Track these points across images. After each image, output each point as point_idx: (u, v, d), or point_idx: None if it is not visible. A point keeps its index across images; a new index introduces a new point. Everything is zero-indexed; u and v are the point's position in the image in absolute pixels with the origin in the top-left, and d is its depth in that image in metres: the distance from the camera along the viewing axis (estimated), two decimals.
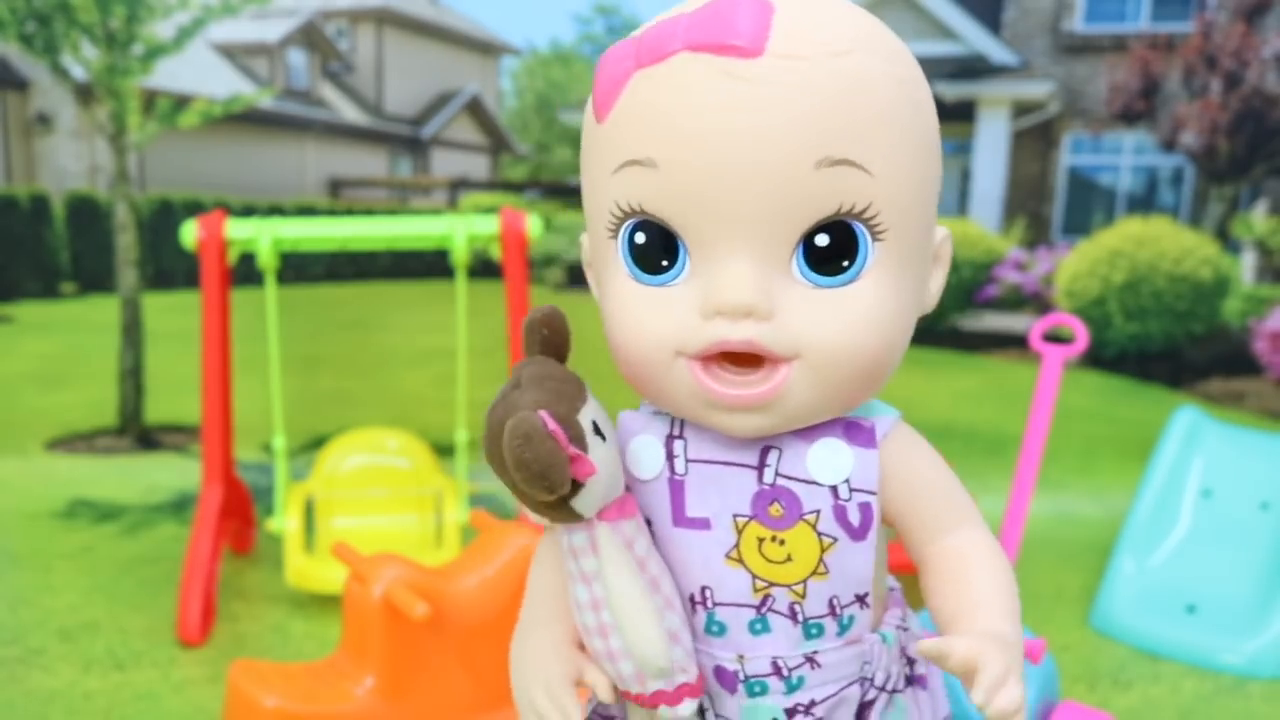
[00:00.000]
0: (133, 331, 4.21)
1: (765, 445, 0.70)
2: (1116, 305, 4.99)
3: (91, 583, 2.69)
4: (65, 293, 5.70)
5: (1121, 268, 4.98)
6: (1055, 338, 2.22)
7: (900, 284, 0.67)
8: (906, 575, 0.81)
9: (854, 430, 0.72)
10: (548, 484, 0.62)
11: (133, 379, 4.22)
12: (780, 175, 0.61)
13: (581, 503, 0.65)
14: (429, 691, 1.76)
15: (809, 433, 0.70)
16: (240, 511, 2.79)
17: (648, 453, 0.73)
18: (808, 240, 0.64)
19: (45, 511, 3.32)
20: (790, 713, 0.72)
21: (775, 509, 0.70)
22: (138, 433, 4.19)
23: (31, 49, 4.08)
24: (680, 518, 0.72)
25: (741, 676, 0.72)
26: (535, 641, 0.74)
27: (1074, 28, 6.10)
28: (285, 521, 2.59)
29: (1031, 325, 2.29)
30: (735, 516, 0.71)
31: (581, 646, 0.72)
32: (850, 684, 0.73)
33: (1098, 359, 5.01)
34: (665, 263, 0.65)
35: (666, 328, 0.65)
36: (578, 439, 0.64)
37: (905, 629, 0.78)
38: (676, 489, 0.72)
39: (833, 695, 0.72)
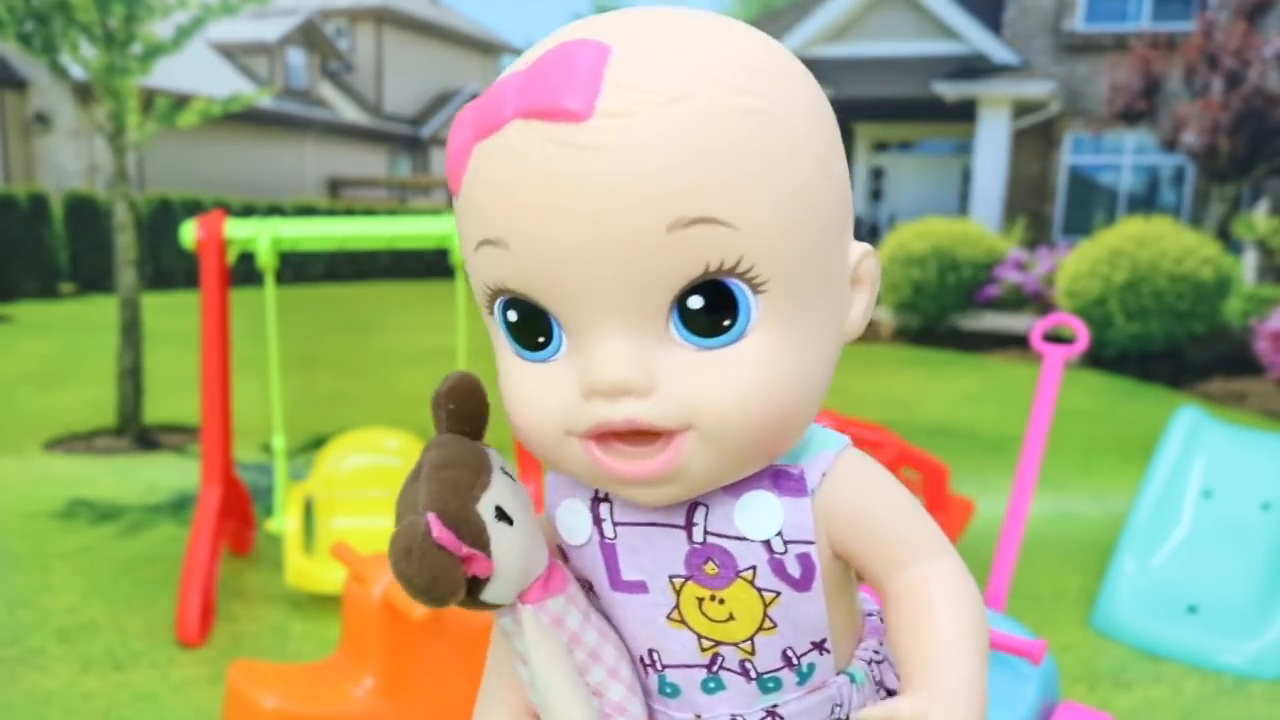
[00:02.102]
0: (132, 331, 4.21)
1: (692, 503, 0.67)
2: (1117, 305, 4.98)
3: (90, 583, 2.68)
4: (64, 293, 5.70)
5: (1122, 267, 4.98)
6: (1056, 338, 2.22)
7: (795, 333, 0.62)
8: None
9: (783, 479, 0.67)
10: (433, 598, 0.60)
11: (132, 379, 4.22)
12: (632, 245, 0.56)
13: (492, 594, 0.63)
14: (428, 691, 1.75)
15: (735, 487, 0.66)
16: (239, 512, 2.79)
17: (575, 518, 0.70)
18: (681, 302, 0.59)
19: (44, 512, 3.32)
20: None
21: (710, 567, 0.67)
22: (137, 433, 4.18)
23: (30, 48, 4.08)
24: (617, 582, 0.69)
25: None
26: (492, 714, 0.73)
27: (1075, 27, 6.10)
28: (284, 522, 2.59)
29: (1032, 325, 2.29)
30: (671, 577, 0.67)
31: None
32: None
33: (1098, 359, 5.01)
34: (541, 339, 0.62)
35: (551, 407, 0.62)
36: (474, 535, 0.62)
37: (880, 660, 0.75)
38: (609, 553, 0.69)
39: None
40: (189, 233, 2.53)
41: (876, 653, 0.75)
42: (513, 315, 0.62)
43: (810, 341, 0.63)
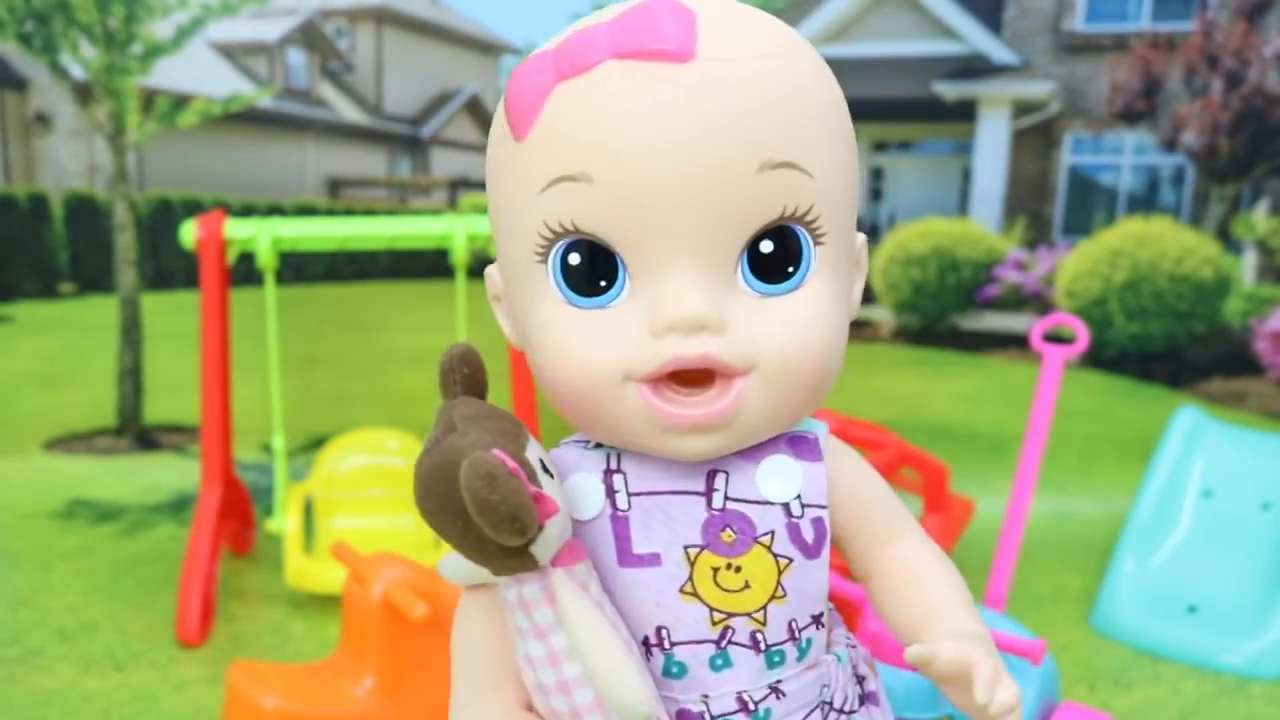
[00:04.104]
0: (132, 331, 4.21)
1: (711, 469, 0.68)
2: (1117, 305, 4.98)
3: (90, 583, 2.68)
4: (64, 292, 5.69)
5: (1122, 267, 4.98)
6: (1056, 338, 2.22)
7: (839, 289, 0.66)
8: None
9: (799, 444, 0.70)
10: (519, 525, 0.57)
11: (132, 379, 4.22)
12: (723, 180, 0.59)
13: (540, 548, 0.60)
14: (428, 692, 1.75)
15: (754, 452, 0.68)
16: (239, 512, 2.79)
17: (586, 491, 0.69)
18: (752, 248, 0.62)
19: (44, 512, 3.32)
20: None
21: (728, 535, 0.67)
22: (137, 433, 4.18)
23: (30, 48, 4.08)
24: (627, 556, 0.68)
25: (707, 718, 0.69)
26: (480, 711, 0.67)
27: (1075, 27, 6.09)
28: (284, 522, 2.59)
29: (1032, 325, 2.28)
30: (686, 548, 0.67)
31: (530, 709, 0.67)
32: (812, 710, 0.71)
33: (1099, 359, 5.01)
34: (604, 283, 0.62)
35: (612, 351, 0.62)
36: (533, 478, 0.60)
37: (854, 646, 0.76)
38: (620, 526, 0.68)
39: None
40: (189, 233, 2.53)
41: (849, 638, 0.76)
42: (574, 258, 0.63)
43: (843, 299, 0.68)
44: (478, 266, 3.21)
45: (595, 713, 0.64)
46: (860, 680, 0.76)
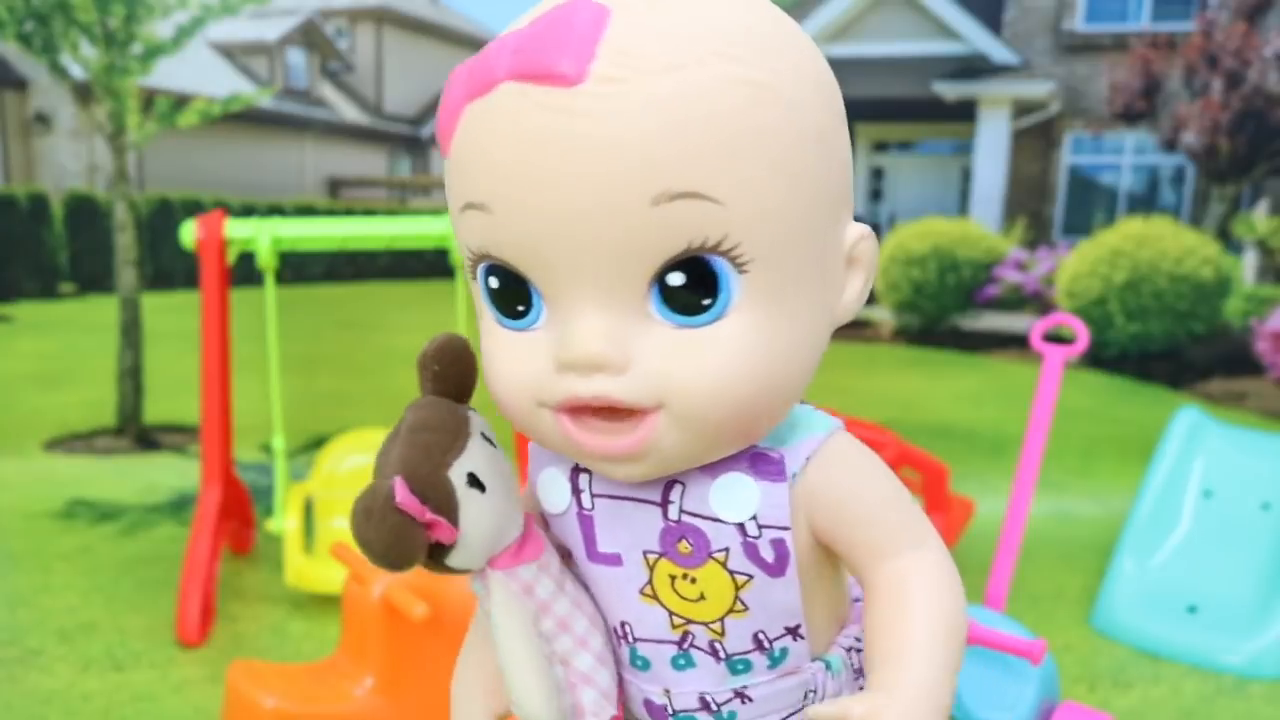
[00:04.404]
0: (132, 331, 4.21)
1: (669, 481, 0.66)
2: (1117, 305, 4.98)
3: (90, 583, 2.68)
4: (64, 292, 5.69)
5: (1122, 267, 4.98)
6: (1056, 338, 2.22)
7: (779, 314, 0.59)
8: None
9: (761, 463, 0.65)
10: (389, 562, 0.60)
11: (132, 379, 4.22)
12: (614, 217, 0.55)
13: (458, 560, 0.62)
14: (428, 692, 1.75)
15: (712, 468, 0.65)
16: (239, 512, 2.79)
17: (555, 487, 0.70)
18: (661, 279, 0.57)
19: (44, 512, 3.31)
20: None
21: (684, 546, 0.66)
22: (136, 433, 4.18)
23: (30, 48, 4.08)
24: (593, 553, 0.69)
25: (670, 710, 0.70)
26: (467, 676, 0.75)
27: (1075, 27, 6.09)
28: (284, 522, 2.59)
29: (1032, 325, 2.28)
30: (645, 553, 0.67)
31: None
32: (793, 713, 0.70)
33: (1098, 359, 5.01)
34: (521, 307, 0.61)
35: (526, 377, 0.61)
36: (441, 501, 0.61)
37: (859, 649, 0.73)
38: (586, 524, 0.69)
39: None
40: (189, 233, 2.52)
41: (858, 639, 0.73)
42: (494, 282, 0.61)
43: (795, 323, 0.61)
44: None
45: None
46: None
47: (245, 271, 2.68)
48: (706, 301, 0.58)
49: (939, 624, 0.65)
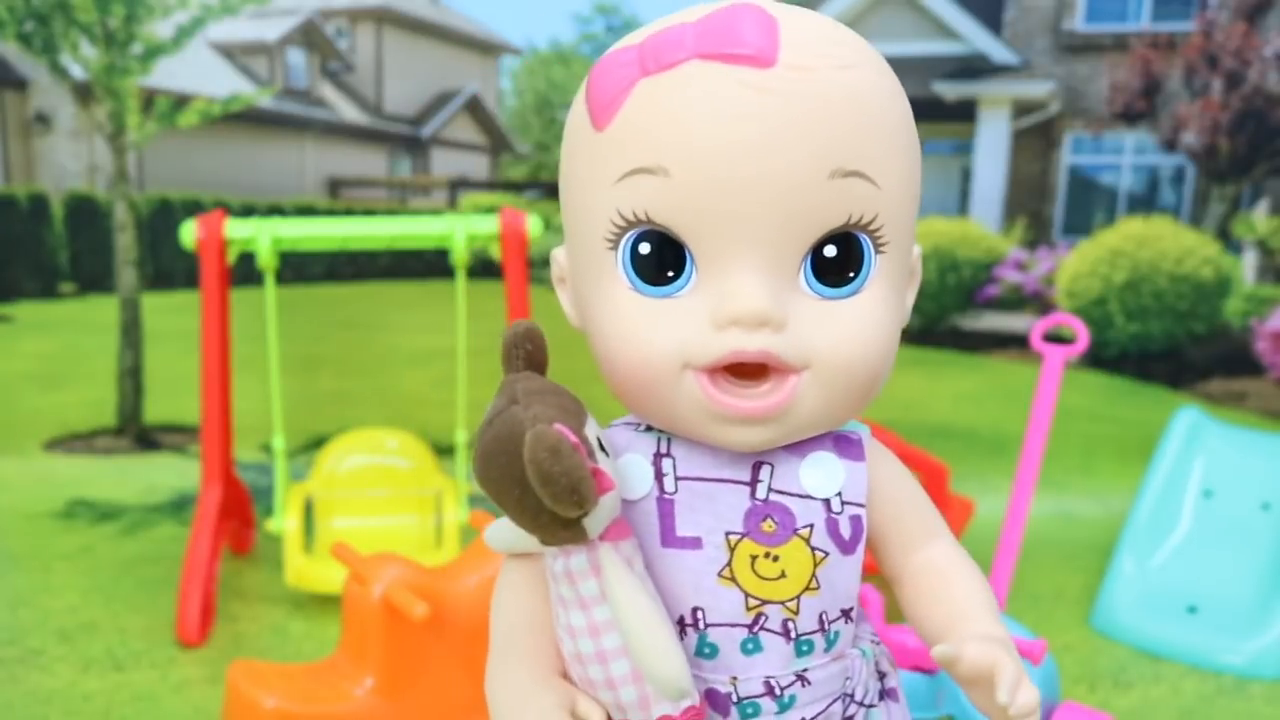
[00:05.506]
0: (132, 331, 4.21)
1: (757, 461, 0.70)
2: (1117, 305, 4.99)
3: (90, 583, 2.68)
4: (64, 292, 5.69)
5: (1122, 267, 4.98)
6: (1056, 338, 2.22)
7: (895, 296, 0.69)
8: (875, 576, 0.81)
9: (843, 443, 0.73)
10: (578, 498, 0.59)
11: (132, 379, 4.22)
12: (793, 185, 0.62)
13: (592, 521, 0.63)
14: (429, 692, 1.75)
15: (800, 447, 0.71)
16: (239, 512, 2.79)
17: (635, 471, 0.72)
18: (816, 251, 0.65)
19: (44, 512, 3.31)
20: None
21: (768, 525, 0.69)
22: (137, 433, 4.18)
23: (30, 48, 4.08)
24: (670, 538, 0.70)
25: (734, 699, 0.70)
26: (518, 675, 0.70)
27: (1075, 27, 6.09)
28: (284, 522, 2.59)
29: (1032, 325, 2.29)
30: (728, 534, 0.70)
31: (564, 675, 0.70)
32: (834, 700, 0.73)
33: (1098, 359, 5.01)
34: (671, 273, 0.65)
35: (674, 339, 0.64)
36: (592, 455, 0.62)
37: (877, 644, 0.78)
38: (666, 508, 0.71)
39: (820, 713, 0.72)
40: (189, 233, 2.53)
41: (873, 635, 0.78)
42: (644, 248, 0.65)
43: (900, 310, 0.70)
44: (478, 267, 3.21)
45: (630, 683, 0.66)
46: (882, 676, 0.77)
47: (245, 271, 2.68)
48: (851, 275, 0.65)
49: (985, 590, 0.74)
